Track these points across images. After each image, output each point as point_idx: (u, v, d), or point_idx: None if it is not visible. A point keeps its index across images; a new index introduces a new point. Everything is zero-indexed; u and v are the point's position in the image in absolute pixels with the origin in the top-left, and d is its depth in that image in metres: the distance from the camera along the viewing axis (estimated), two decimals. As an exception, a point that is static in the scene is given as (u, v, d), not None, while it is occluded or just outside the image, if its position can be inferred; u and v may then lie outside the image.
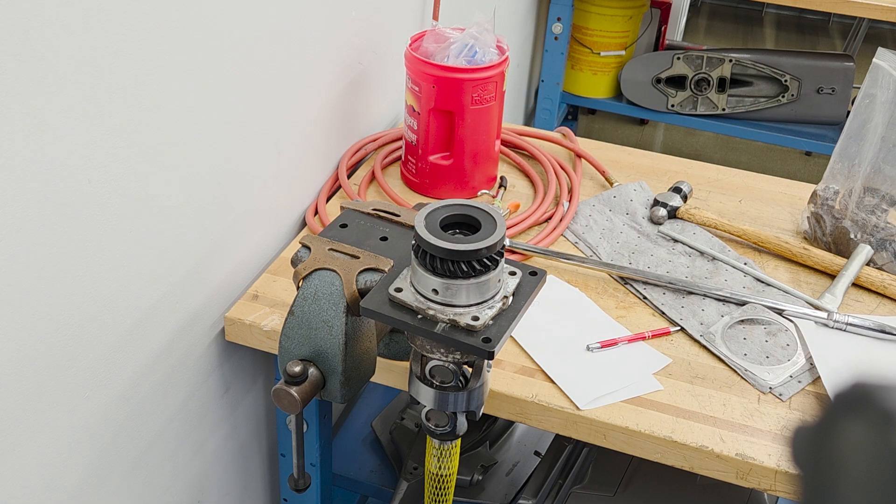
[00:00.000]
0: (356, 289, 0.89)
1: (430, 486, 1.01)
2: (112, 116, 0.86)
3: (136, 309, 0.98)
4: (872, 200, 1.26)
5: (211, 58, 1.00)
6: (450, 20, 1.70)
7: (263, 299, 1.15)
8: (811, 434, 0.27)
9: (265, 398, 1.36)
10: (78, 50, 0.79)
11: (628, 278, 1.22)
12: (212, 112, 1.03)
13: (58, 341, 0.87)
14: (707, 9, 5.29)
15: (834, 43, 4.93)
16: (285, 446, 1.30)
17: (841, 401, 0.26)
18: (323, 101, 1.33)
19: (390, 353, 1.05)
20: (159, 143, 0.94)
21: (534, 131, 1.59)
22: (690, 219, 1.35)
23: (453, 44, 1.32)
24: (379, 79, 1.51)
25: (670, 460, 0.99)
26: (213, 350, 1.17)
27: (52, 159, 0.80)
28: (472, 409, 0.90)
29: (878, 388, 0.25)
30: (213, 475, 1.27)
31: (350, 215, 0.99)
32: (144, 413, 1.05)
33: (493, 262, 0.82)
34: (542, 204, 1.37)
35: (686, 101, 2.70)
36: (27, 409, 0.85)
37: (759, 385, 1.05)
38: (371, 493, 1.50)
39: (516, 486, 1.44)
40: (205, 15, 0.97)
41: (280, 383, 0.89)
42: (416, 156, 1.38)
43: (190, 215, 1.04)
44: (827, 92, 2.64)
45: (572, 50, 2.77)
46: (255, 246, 1.21)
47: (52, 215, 0.81)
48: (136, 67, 0.88)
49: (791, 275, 1.26)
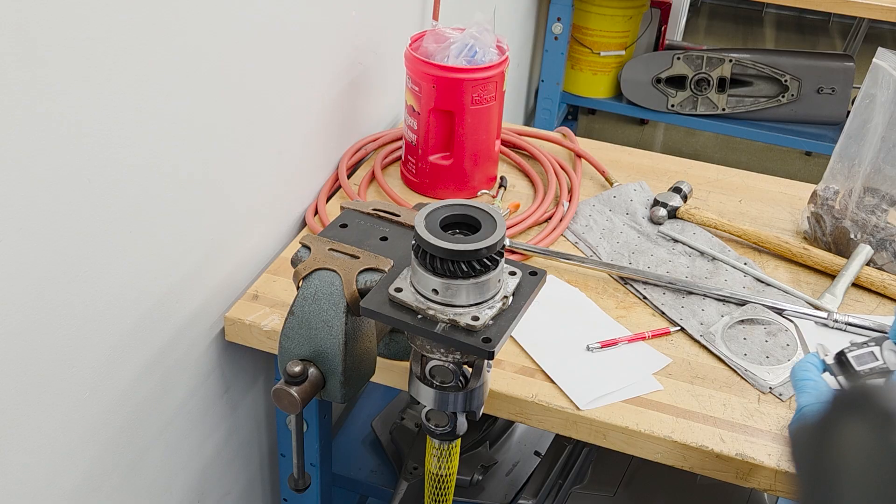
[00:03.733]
0: (356, 289, 0.89)
1: (430, 486, 1.01)
2: (112, 116, 0.86)
3: (136, 309, 0.98)
4: (872, 200, 1.26)
5: (210, 58, 1.00)
6: (450, 20, 1.70)
7: (263, 299, 1.15)
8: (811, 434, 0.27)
9: (265, 398, 1.36)
10: (78, 49, 0.79)
11: (628, 278, 1.22)
12: (211, 112, 1.03)
13: (58, 341, 0.87)
14: (707, 9, 5.30)
15: (834, 43, 4.93)
16: (285, 446, 1.30)
17: (841, 401, 0.26)
18: (323, 101, 1.33)
19: (390, 353, 1.05)
20: (159, 142, 0.94)
21: (534, 131, 1.59)
22: (690, 219, 1.35)
23: (453, 44, 1.32)
24: (379, 79, 1.51)
25: (670, 460, 0.99)
26: (213, 350, 1.17)
27: (53, 159, 0.80)
28: (472, 409, 0.90)
29: (878, 388, 0.25)
30: (213, 475, 1.27)
31: (350, 215, 0.99)
32: (144, 413, 1.05)
33: (493, 262, 0.82)
34: (542, 204, 1.37)
35: (686, 101, 2.70)
36: (27, 409, 0.85)
37: (759, 385, 1.05)
38: (371, 493, 1.50)
39: (516, 486, 1.44)
40: (203, 15, 0.97)
41: (280, 383, 0.89)
42: (416, 156, 1.38)
43: (190, 215, 1.04)
44: (827, 92, 2.64)
45: (572, 50, 2.77)
46: (255, 246, 1.21)
47: (52, 215, 0.81)
48: (135, 67, 0.88)
49: (791, 275, 1.26)
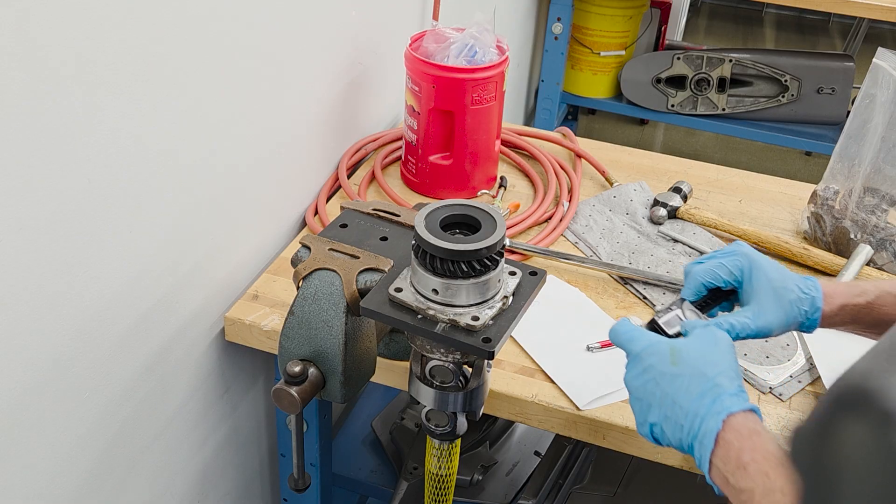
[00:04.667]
0: (356, 289, 0.89)
1: (430, 486, 1.01)
2: (111, 116, 0.86)
3: (137, 309, 0.98)
4: (872, 200, 1.26)
5: (210, 58, 1.00)
6: (450, 20, 1.70)
7: (263, 299, 1.15)
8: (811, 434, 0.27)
9: (265, 398, 1.36)
10: (78, 49, 0.79)
11: (628, 278, 1.22)
12: (211, 112, 1.03)
13: (58, 341, 0.87)
14: (707, 9, 5.29)
15: (834, 43, 4.93)
16: (285, 446, 1.30)
17: (841, 401, 0.26)
18: (323, 101, 1.33)
19: (390, 353, 1.05)
20: (158, 143, 0.94)
21: (534, 131, 1.59)
22: (690, 219, 1.35)
23: (453, 44, 1.32)
24: (379, 79, 1.51)
25: (670, 460, 0.99)
26: (213, 350, 1.17)
27: (53, 159, 0.79)
28: (472, 409, 0.90)
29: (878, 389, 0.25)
30: (213, 475, 1.27)
31: (350, 215, 0.99)
32: (144, 413, 1.05)
33: (493, 262, 0.82)
34: (542, 204, 1.37)
35: (686, 101, 2.70)
36: (28, 409, 0.85)
37: (759, 385, 1.05)
38: (371, 493, 1.50)
39: (516, 486, 1.44)
40: (203, 15, 0.97)
41: (280, 383, 0.89)
42: (416, 156, 1.38)
43: (190, 215, 1.04)
44: (827, 92, 2.64)
45: (572, 50, 2.77)
46: (255, 246, 1.21)
47: (52, 215, 0.81)
48: (135, 68, 0.87)
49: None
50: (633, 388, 0.79)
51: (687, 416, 0.71)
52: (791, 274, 0.87)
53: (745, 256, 0.88)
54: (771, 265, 0.87)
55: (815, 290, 0.86)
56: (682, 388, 0.72)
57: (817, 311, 0.85)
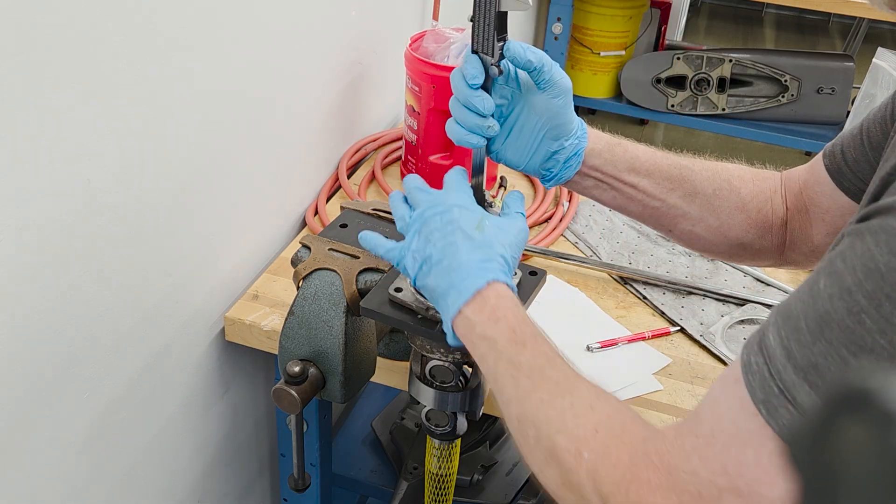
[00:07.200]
0: (356, 289, 0.89)
1: (430, 486, 1.01)
2: (111, 116, 0.86)
3: (137, 309, 0.98)
4: (872, 200, 1.26)
5: (210, 58, 1.00)
6: (450, 20, 1.70)
7: (263, 299, 1.15)
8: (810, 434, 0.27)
9: (265, 398, 1.36)
10: (78, 49, 0.79)
11: (628, 278, 1.22)
12: (211, 112, 1.03)
13: (58, 341, 0.86)
14: (707, 9, 5.30)
15: (834, 43, 4.93)
16: (285, 446, 1.30)
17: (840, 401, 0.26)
18: (323, 101, 1.33)
19: (390, 353, 1.05)
20: (158, 142, 0.94)
21: (534, 131, 1.58)
22: (690, 219, 1.35)
23: (453, 44, 1.32)
24: (379, 79, 1.51)
25: (670, 460, 0.99)
26: (213, 350, 1.17)
27: (53, 159, 0.79)
28: (472, 409, 0.90)
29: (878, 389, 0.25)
30: (213, 475, 1.27)
31: (350, 215, 0.99)
32: (145, 412, 1.05)
33: (493, 262, 0.82)
34: (542, 204, 1.37)
35: (686, 101, 2.70)
36: (28, 409, 0.85)
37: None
38: (371, 493, 1.50)
39: (516, 486, 1.44)
40: (203, 14, 0.97)
41: (280, 383, 0.89)
42: (416, 156, 1.38)
43: (190, 215, 1.04)
44: (827, 92, 2.64)
45: (572, 50, 2.77)
46: (255, 246, 1.21)
47: (52, 215, 0.81)
48: (135, 68, 0.87)
49: (791, 275, 1.26)
50: (430, 228, 0.77)
51: (460, 267, 0.74)
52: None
53: (566, 92, 0.93)
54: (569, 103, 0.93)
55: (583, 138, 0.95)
56: (470, 248, 0.75)
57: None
